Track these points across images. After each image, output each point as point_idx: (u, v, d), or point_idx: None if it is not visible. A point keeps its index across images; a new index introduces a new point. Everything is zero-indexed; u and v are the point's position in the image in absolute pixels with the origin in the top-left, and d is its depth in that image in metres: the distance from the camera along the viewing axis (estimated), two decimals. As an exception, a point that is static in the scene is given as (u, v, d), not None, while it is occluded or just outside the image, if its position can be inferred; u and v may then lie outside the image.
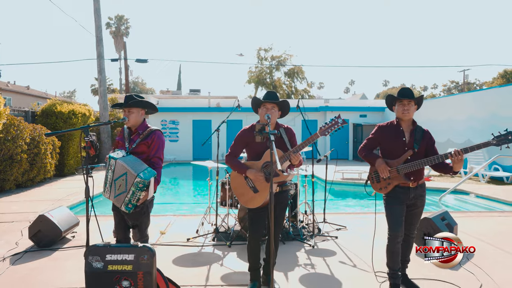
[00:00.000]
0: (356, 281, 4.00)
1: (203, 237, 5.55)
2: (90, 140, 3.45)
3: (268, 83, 34.84)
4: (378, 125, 3.86)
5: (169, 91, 39.31)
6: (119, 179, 3.39)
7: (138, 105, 3.70)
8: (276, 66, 34.77)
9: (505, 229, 6.02)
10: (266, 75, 35.15)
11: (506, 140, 3.25)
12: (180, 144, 21.75)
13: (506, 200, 8.72)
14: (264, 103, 3.68)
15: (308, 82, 35.80)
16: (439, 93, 68.27)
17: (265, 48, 34.94)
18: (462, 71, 49.22)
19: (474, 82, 61.31)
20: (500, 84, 42.98)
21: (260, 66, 35.12)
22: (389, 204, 3.65)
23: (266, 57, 35.08)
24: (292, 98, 34.50)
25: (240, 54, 28.85)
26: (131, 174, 3.32)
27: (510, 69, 44.75)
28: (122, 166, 3.37)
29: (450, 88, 64.02)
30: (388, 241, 3.65)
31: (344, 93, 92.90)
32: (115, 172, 3.42)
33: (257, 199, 3.55)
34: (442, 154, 3.45)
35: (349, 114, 22.03)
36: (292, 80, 35.36)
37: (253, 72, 35.56)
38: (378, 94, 77.12)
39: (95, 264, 2.89)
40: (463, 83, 53.11)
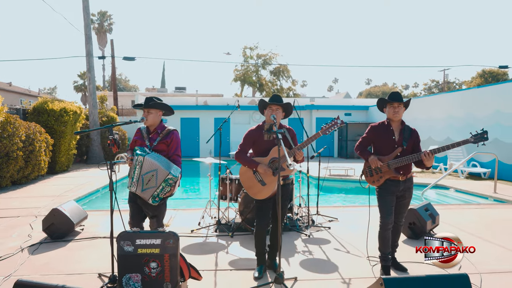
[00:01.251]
0: (350, 264, 4.45)
1: (206, 228, 5.93)
2: (113, 138, 3.80)
3: (254, 82, 35.25)
4: (371, 125, 4.31)
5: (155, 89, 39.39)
6: (148, 175, 3.77)
7: (157, 106, 4.07)
8: (262, 65, 35.17)
9: (482, 220, 6.59)
10: (252, 73, 35.53)
11: (482, 138, 3.75)
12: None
13: (483, 194, 9.34)
14: (270, 105, 4.09)
15: (292, 81, 36.30)
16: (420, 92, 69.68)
17: (250, 46, 35.38)
18: (442, 71, 50.60)
19: (454, 81, 62.90)
20: (478, 83, 44.33)
21: (246, 65, 35.47)
22: (381, 195, 4.11)
23: (252, 56, 35.48)
24: (278, 96, 34.94)
25: (228, 53, 29.31)
26: (162, 171, 3.73)
27: (488, 69, 46.03)
28: (152, 163, 3.76)
29: (430, 87, 65.49)
30: (380, 228, 4.11)
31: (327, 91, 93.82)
32: (143, 168, 3.79)
33: (265, 191, 3.97)
34: (419, 153, 3.96)
35: (333, 112, 22.62)
36: (277, 78, 35.83)
37: (239, 70, 35.90)
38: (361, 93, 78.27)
39: (126, 248, 3.26)
40: (443, 82, 54.50)
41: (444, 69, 49.96)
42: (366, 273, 4.15)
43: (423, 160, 3.89)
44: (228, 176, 6.16)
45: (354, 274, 4.14)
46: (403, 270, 4.20)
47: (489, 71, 45.43)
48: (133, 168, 3.90)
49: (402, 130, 4.16)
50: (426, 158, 3.85)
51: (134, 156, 3.88)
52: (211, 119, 22.59)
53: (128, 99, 36.53)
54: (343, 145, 21.89)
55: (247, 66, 35.45)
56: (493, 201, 8.79)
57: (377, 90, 66.50)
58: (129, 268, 3.25)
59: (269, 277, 4.02)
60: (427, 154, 3.85)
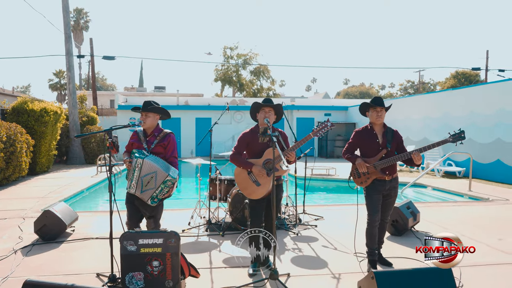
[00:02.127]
0: (338, 260, 4.67)
1: (197, 228, 6.07)
2: (112, 141, 3.90)
3: (234, 82, 35.36)
4: (355, 131, 4.55)
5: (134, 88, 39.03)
6: (147, 176, 3.89)
7: (155, 110, 4.19)
8: (242, 65, 35.31)
9: (460, 217, 6.94)
10: (232, 73, 35.64)
11: (460, 137, 4.04)
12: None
13: (458, 192, 9.77)
14: (262, 107, 4.27)
15: (272, 80, 36.59)
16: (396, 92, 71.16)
17: (231, 46, 35.46)
18: (418, 72, 51.92)
19: (429, 82, 64.56)
20: (452, 84, 45.59)
21: (227, 65, 35.54)
22: (368, 194, 4.34)
23: (232, 56, 35.57)
24: (258, 97, 35.19)
25: (209, 52, 29.24)
26: (161, 173, 3.86)
27: (461, 70, 47.36)
28: (151, 165, 3.88)
29: (406, 87, 66.99)
30: (367, 225, 4.35)
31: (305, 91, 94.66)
32: (143, 170, 3.90)
33: (259, 191, 4.14)
34: (407, 152, 4.22)
35: (314, 113, 23.01)
36: (258, 78, 36.06)
37: (220, 70, 35.95)
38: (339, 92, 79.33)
39: (129, 247, 3.38)
40: (418, 82, 55.87)
41: (420, 70, 51.30)
42: (354, 268, 4.38)
43: (413, 160, 4.14)
44: (218, 176, 6.31)
45: (343, 269, 4.36)
46: (389, 265, 4.44)
47: (462, 72, 46.78)
48: (132, 170, 4.01)
49: (385, 133, 4.41)
50: (417, 158, 4.11)
51: (133, 159, 3.99)
52: (192, 119, 22.62)
53: (107, 99, 36.09)
54: (323, 145, 22.28)
55: (227, 66, 35.53)
56: (468, 198, 9.21)
57: (354, 90, 67.59)
58: (132, 267, 3.37)
59: (263, 274, 4.19)
60: (416, 154, 4.11)
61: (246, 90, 35.13)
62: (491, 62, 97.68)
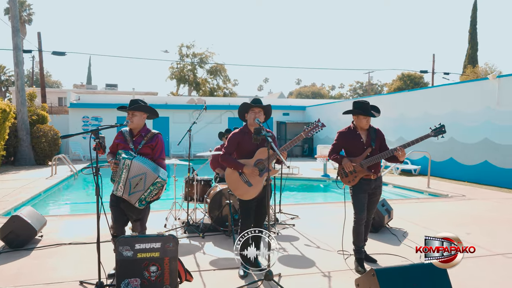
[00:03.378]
0: (324, 259, 4.74)
1: (174, 230, 5.92)
2: (99, 142, 3.70)
3: (191, 80, 34.86)
4: (339, 132, 4.63)
5: (83, 85, 37.39)
6: (136, 178, 3.72)
7: (142, 109, 4.03)
8: (198, 63, 34.90)
9: (425, 213, 7.29)
10: (188, 72, 35.12)
11: (440, 131, 4.23)
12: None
13: (418, 189, 10.27)
14: (252, 108, 4.24)
15: (228, 80, 36.49)
16: (346, 93, 73.44)
17: (187, 44, 34.93)
18: (367, 73, 53.94)
19: (376, 83, 67.27)
20: (398, 86, 47.59)
21: (183, 63, 34.97)
22: (356, 194, 4.44)
23: (188, 54, 35.05)
24: (215, 95, 34.98)
25: (166, 50, 28.60)
26: (151, 175, 3.70)
27: (406, 72, 49.56)
28: (140, 167, 3.72)
29: (355, 88, 69.47)
30: (354, 223, 4.44)
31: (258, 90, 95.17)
32: (131, 171, 3.73)
33: (251, 192, 4.11)
34: (391, 149, 4.35)
35: (273, 112, 23.14)
36: (214, 77, 35.79)
37: (175, 68, 35.29)
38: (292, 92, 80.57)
39: (125, 253, 3.23)
40: (368, 83, 57.98)
41: (369, 72, 53.27)
42: (342, 266, 4.46)
43: (398, 157, 4.27)
44: (195, 177, 6.19)
45: (331, 267, 4.42)
46: (373, 261, 4.57)
47: (407, 74, 48.97)
48: (119, 172, 3.83)
49: (368, 132, 4.54)
50: (401, 154, 4.24)
51: (120, 160, 3.81)
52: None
53: (55, 96, 34.29)
54: (283, 144, 22.52)
55: (183, 64, 34.97)
56: (428, 195, 9.69)
57: (307, 90, 68.96)
58: (128, 273, 3.23)
59: (254, 275, 4.16)
60: (400, 149, 4.24)
61: (202, 89, 34.75)
62: (437, 65, 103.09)
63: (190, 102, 23.96)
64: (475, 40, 37.25)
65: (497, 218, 6.92)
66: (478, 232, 5.92)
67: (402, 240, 5.49)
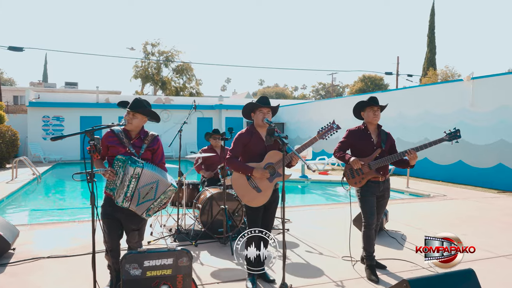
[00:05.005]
0: (331, 266, 4.49)
1: (163, 239, 5.50)
2: (94, 144, 3.25)
3: (156, 79, 33.87)
4: (349, 130, 4.42)
5: (41, 83, 35.50)
6: (146, 187, 3.34)
7: (146, 113, 3.59)
8: (164, 62, 34.00)
9: (414, 213, 7.24)
10: (154, 70, 34.10)
11: (455, 136, 4.07)
12: (67, 143, 19.89)
13: (398, 189, 10.31)
14: (261, 108, 3.93)
15: (196, 79, 35.84)
16: (308, 93, 74.33)
17: (152, 42, 33.89)
18: (331, 74, 54.78)
19: (338, 85, 68.47)
20: (360, 87, 48.47)
21: (148, 61, 33.94)
22: (364, 196, 4.23)
23: (154, 52, 34.08)
24: (181, 95, 34.21)
25: (131, 47, 27.60)
26: (164, 183, 3.36)
27: (367, 74, 50.70)
28: (152, 175, 3.34)
29: (318, 89, 70.42)
30: (364, 228, 4.23)
31: (221, 90, 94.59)
32: (141, 180, 3.32)
33: (260, 198, 3.80)
34: (401, 152, 4.16)
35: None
36: (180, 77, 34.97)
37: (140, 67, 34.17)
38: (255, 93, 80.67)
39: (133, 271, 2.83)
40: (331, 85, 58.87)
41: (333, 73, 54.16)
42: (352, 274, 4.23)
43: (409, 160, 4.08)
44: (182, 181, 5.79)
45: (341, 275, 4.18)
46: (383, 268, 4.38)
47: (368, 76, 50.13)
48: (124, 182, 3.37)
49: (379, 133, 4.35)
50: (412, 157, 4.04)
51: (127, 167, 3.35)
52: (115, 118, 21.10)
53: (9, 94, 32.29)
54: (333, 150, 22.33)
55: (148, 62, 33.94)
56: (409, 195, 9.73)
57: (270, 90, 69.20)
58: (137, 295, 2.83)
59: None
60: (412, 152, 4.04)
61: (168, 88, 33.86)
62: (401, 67, 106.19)
63: (157, 101, 23.22)
64: (433, 44, 38.49)
65: (485, 218, 6.98)
66: (473, 233, 5.89)
67: (403, 244, 5.37)
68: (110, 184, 3.45)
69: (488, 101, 10.72)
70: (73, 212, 8.58)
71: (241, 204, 5.61)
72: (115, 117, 21.12)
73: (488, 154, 10.59)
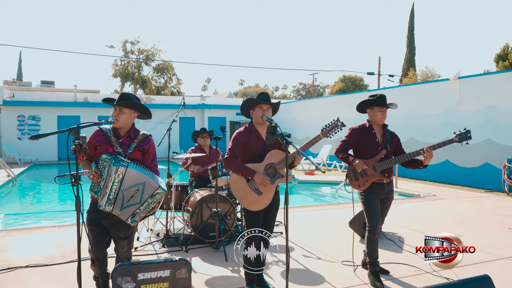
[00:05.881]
0: (332, 272, 4.27)
1: (151, 244, 5.18)
2: (80, 144, 2.93)
3: (136, 78, 33.14)
4: (351, 128, 4.19)
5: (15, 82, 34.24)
6: (131, 189, 3.03)
7: (132, 107, 3.30)
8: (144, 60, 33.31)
9: (408, 214, 7.10)
10: (134, 69, 33.36)
11: (466, 137, 3.87)
12: (43, 143, 19.12)
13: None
14: (260, 105, 3.67)
15: (178, 78, 35.23)
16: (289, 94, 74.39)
17: (132, 40, 33.14)
18: (312, 74, 54.96)
19: (318, 85, 68.77)
20: (340, 87, 48.69)
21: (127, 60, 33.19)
22: (368, 199, 4.01)
23: (133, 51, 33.32)
24: (162, 94, 33.59)
25: (111, 45, 26.84)
26: (150, 185, 3.05)
27: (348, 74, 51.05)
28: (137, 176, 3.04)
29: (299, 89, 70.57)
30: (368, 233, 4.01)
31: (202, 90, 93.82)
32: (125, 182, 3.01)
33: (261, 201, 3.54)
34: (414, 152, 3.94)
35: (225, 112, 22.63)
36: (161, 76, 34.33)
37: (119, 65, 33.37)
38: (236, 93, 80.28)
39: (125, 285, 2.54)
40: (312, 85, 59.05)
41: (314, 73, 54.34)
42: (354, 280, 4.03)
43: (424, 159, 3.86)
44: (172, 183, 5.48)
45: (344, 282, 3.97)
46: (386, 273, 4.18)
47: (348, 76, 50.44)
48: (107, 182, 3.07)
49: (384, 132, 4.15)
50: (427, 156, 3.81)
51: (110, 167, 3.06)
52: (94, 118, 20.47)
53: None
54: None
55: (128, 61, 33.18)
56: (399, 195, 9.63)
57: (252, 90, 68.95)
58: (130, 311, 2.53)
59: (263, 297, 3.61)
60: (428, 150, 3.80)
61: (148, 87, 33.17)
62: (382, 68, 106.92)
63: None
64: (412, 45, 38.92)
65: (478, 218, 6.91)
66: (469, 234, 5.77)
67: (402, 246, 5.19)
68: (94, 186, 3.14)
69: (475, 100, 10.73)
70: (52, 216, 8.13)
71: (233, 206, 5.35)
72: (95, 117, 20.50)
73: (475, 153, 10.60)
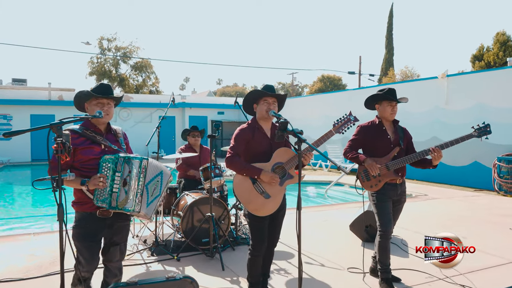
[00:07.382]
0: (339, 280, 3.97)
1: (139, 253, 4.74)
2: (62, 142, 2.49)
3: (114, 76, 32.17)
4: (360, 126, 3.89)
5: (-16, 80, 32.77)
6: (152, 182, 2.79)
7: (117, 100, 2.97)
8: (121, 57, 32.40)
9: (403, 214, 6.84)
10: (111, 67, 32.37)
11: (485, 131, 3.61)
12: (15, 143, 18.25)
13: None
14: (265, 98, 3.31)
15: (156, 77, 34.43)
16: (268, 93, 74.09)
17: (108, 37, 32.14)
18: (291, 74, 54.88)
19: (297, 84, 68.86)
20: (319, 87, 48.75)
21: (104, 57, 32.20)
22: (380, 201, 3.71)
23: (110, 48, 32.33)
24: (140, 93, 32.76)
25: (87, 42, 25.89)
26: (166, 173, 2.90)
27: (326, 74, 51.22)
28: (157, 165, 2.84)
29: (277, 89, 70.51)
30: (380, 238, 3.72)
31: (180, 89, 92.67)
32: (148, 175, 2.74)
33: (270, 206, 3.18)
34: (423, 151, 3.67)
35: (207, 111, 22.15)
36: (139, 74, 33.45)
37: (95, 63, 32.33)
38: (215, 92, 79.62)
39: (121, 311, 2.12)
40: (291, 84, 59.04)
41: (293, 73, 54.38)
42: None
43: (433, 159, 3.59)
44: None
45: (355, 292, 3.65)
46: (397, 281, 3.88)
47: (327, 76, 50.61)
48: (132, 181, 2.68)
49: (396, 129, 3.86)
50: (436, 156, 3.54)
51: (134, 161, 2.69)
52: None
53: None
54: (217, 144, 21.53)
55: (104, 58, 32.19)
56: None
57: (230, 90, 68.44)
58: None
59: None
60: (436, 150, 3.53)
61: (127, 85, 32.26)
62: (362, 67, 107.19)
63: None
64: (391, 45, 39.26)
65: (475, 218, 6.77)
66: (470, 234, 5.56)
67: (407, 250, 4.93)
68: (100, 195, 2.68)
69: (464, 99, 10.65)
70: (27, 222, 7.55)
71: (227, 210, 4.97)
72: (70, 116, 19.71)
73: (464, 152, 10.51)
